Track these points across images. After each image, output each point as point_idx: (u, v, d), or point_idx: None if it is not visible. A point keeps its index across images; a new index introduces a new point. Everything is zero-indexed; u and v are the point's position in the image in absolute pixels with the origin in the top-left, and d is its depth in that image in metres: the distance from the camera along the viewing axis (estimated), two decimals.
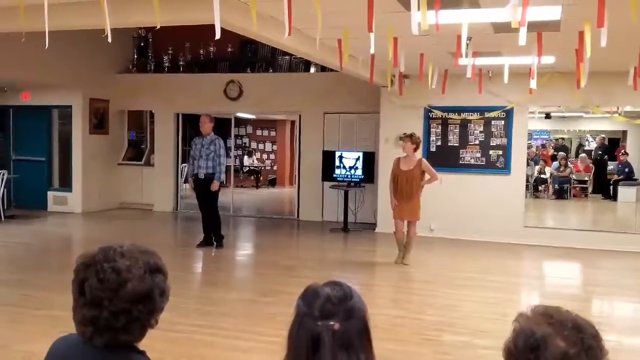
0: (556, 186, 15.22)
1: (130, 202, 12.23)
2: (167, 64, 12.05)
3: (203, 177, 8.14)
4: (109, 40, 4.07)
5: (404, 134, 8.06)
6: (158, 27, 4.34)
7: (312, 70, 11.23)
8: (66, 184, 11.71)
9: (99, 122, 11.76)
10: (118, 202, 12.22)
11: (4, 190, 10.32)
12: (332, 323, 1.32)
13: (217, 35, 3.88)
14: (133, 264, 1.48)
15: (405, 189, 7.39)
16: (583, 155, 16.32)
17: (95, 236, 9.48)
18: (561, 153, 16.13)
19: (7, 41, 6.42)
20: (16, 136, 12.00)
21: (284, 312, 1.46)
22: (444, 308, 5.77)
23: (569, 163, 15.50)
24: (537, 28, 5.22)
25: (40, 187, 11.72)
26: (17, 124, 11.99)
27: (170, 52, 12.02)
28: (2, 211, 10.32)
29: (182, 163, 12.17)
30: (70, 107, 11.45)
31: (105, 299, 1.44)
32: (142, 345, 1.57)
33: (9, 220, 10.40)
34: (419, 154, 7.72)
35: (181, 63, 12.02)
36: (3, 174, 10.20)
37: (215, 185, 8.09)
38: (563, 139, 18.71)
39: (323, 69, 10.47)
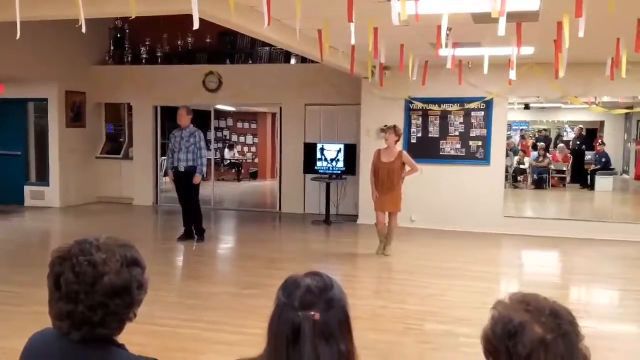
0: (535, 176, 15.40)
1: (109, 196, 12.08)
2: (144, 56, 11.88)
3: (183, 170, 8.06)
4: (83, 30, 3.99)
5: (386, 125, 8.08)
6: (133, 17, 4.27)
7: (293, 61, 11.17)
8: (43, 178, 11.52)
9: (75, 115, 11.57)
10: (96, 196, 12.07)
11: None
12: (312, 313, 1.31)
13: (196, 26, 3.82)
14: (109, 257, 1.45)
15: (386, 181, 7.42)
16: (561, 145, 16.53)
17: (73, 230, 9.34)
18: (540, 144, 16.33)
19: None
20: None
21: (267, 304, 1.44)
22: (425, 297, 5.81)
23: (547, 153, 15.70)
24: (516, 18, 5.25)
25: (17, 181, 11.51)
26: None
27: (147, 43, 11.85)
28: None
29: (161, 156, 12.03)
30: (45, 100, 11.24)
31: (81, 293, 1.41)
32: (124, 339, 1.54)
33: None
34: (399, 145, 7.73)
35: (159, 54, 11.87)
36: None
37: (197, 179, 8.03)
38: (546, 129, 18.94)
39: (303, 60, 10.42)
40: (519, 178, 15.78)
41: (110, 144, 12.48)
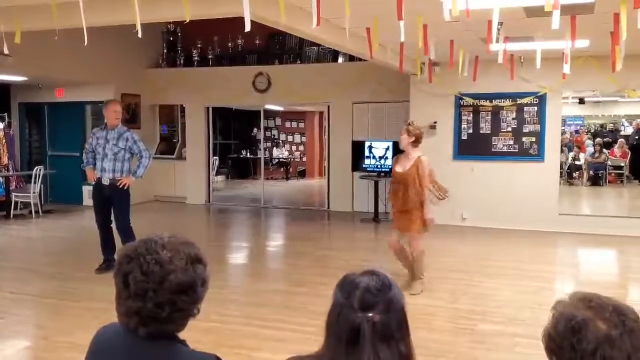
0: (591, 172, 14.91)
1: (164, 195, 12.42)
2: (196, 58, 12.16)
3: (108, 184, 6.33)
4: (140, 35, 4.13)
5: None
6: (187, 20, 4.38)
7: (340, 60, 11.19)
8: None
9: (130, 117, 11.93)
10: (152, 195, 12.42)
11: (40, 186, 10.58)
12: (372, 315, 1.31)
13: (247, 28, 3.89)
14: (175, 256, 1.51)
15: (400, 196, 5.71)
16: (620, 140, 15.95)
17: None
18: (598, 139, 15.81)
19: (41, 39, 6.56)
20: (51, 132, 12.29)
21: (317, 302, 1.48)
22: (478, 297, 5.72)
23: (604, 149, 15.17)
24: (571, 11, 5.10)
25: (76, 181, 11.94)
26: (51, 121, 12.27)
27: (199, 45, 12.13)
28: (39, 206, 10.58)
29: (213, 156, 12.29)
30: (102, 102, 11.62)
31: (150, 291, 1.47)
32: (180, 336, 1.59)
33: (46, 214, 10.67)
34: (420, 150, 5.93)
35: (210, 57, 12.12)
36: (39, 170, 10.45)
37: (128, 180, 6.41)
38: (612, 124, 18.36)
39: (351, 58, 10.42)
40: (574, 174, 15.32)
41: (165, 145, 12.82)
